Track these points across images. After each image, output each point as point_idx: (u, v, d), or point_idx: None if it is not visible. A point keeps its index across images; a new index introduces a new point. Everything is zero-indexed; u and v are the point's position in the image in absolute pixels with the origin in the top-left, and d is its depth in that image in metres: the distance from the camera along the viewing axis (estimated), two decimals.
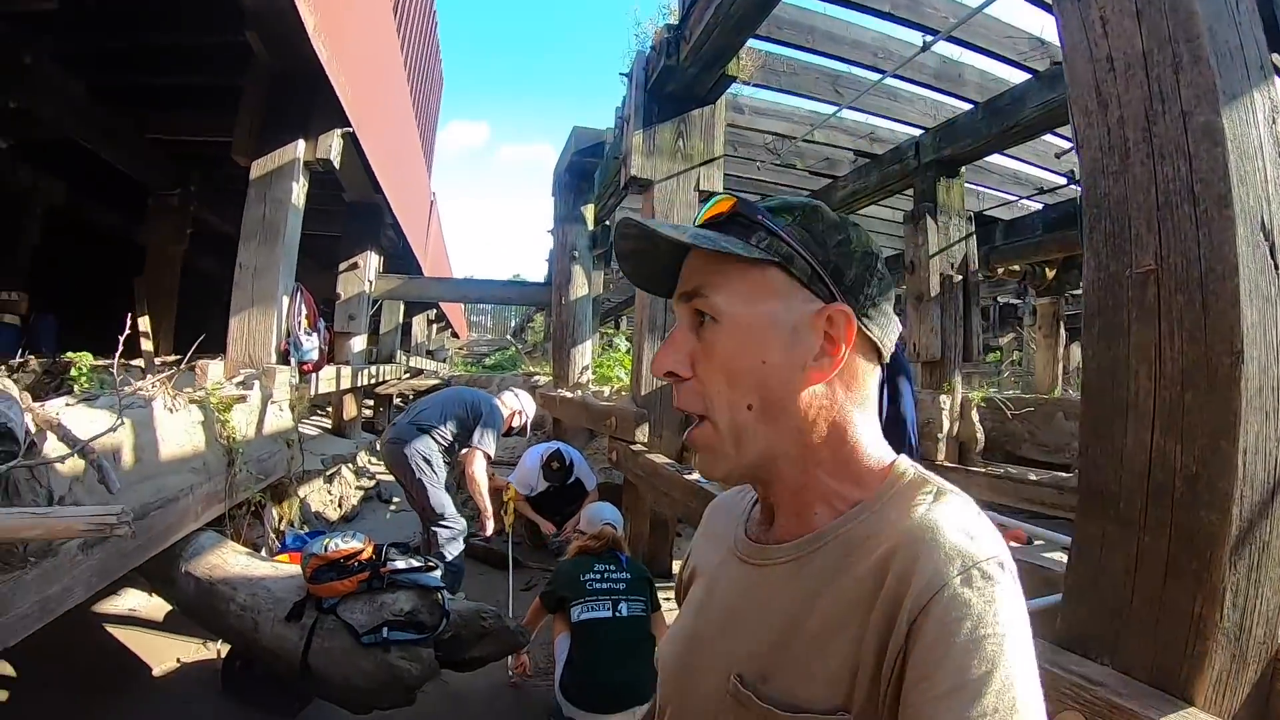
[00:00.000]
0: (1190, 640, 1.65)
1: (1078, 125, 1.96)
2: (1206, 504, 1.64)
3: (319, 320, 7.53)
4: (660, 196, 6.16)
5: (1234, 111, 1.67)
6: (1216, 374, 1.63)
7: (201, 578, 4.14)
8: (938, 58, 6.84)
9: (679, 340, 1.03)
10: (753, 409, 0.98)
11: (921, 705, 0.78)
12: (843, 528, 0.96)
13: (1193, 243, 1.67)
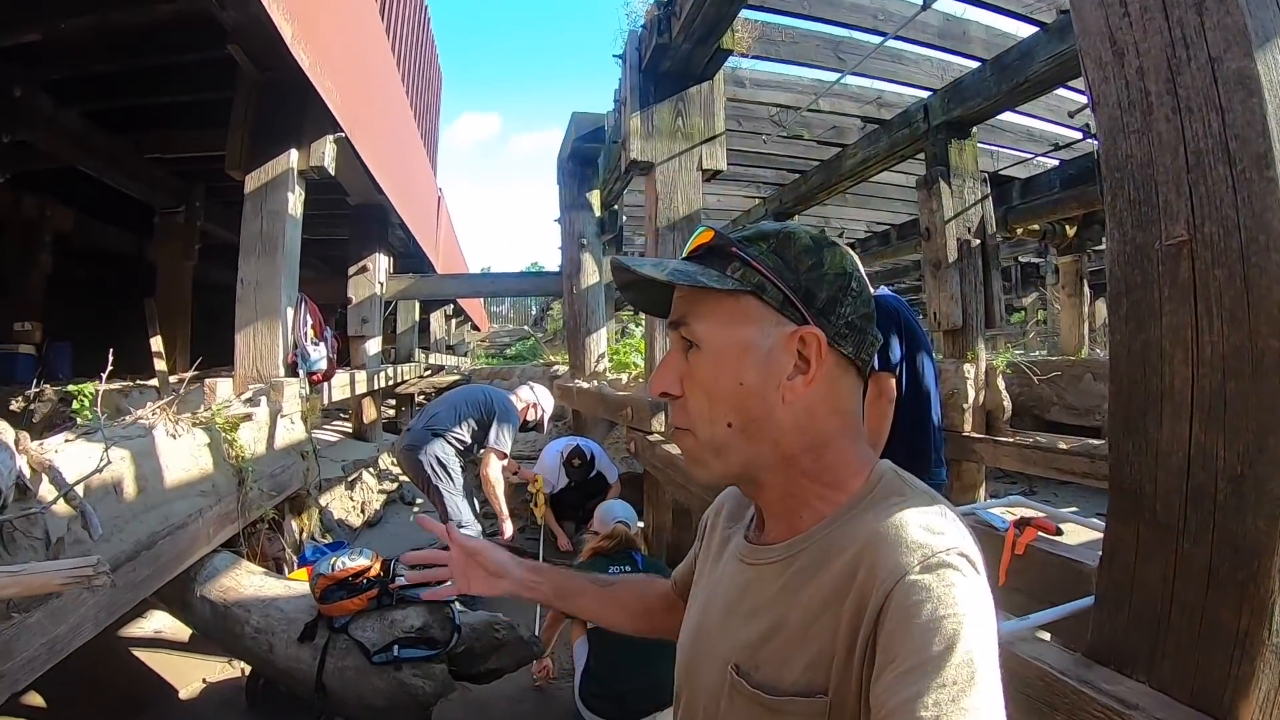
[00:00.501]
0: (1235, 658, 1.48)
1: (1091, 80, 1.75)
2: (1253, 508, 1.45)
3: (325, 329, 7.44)
4: (662, 179, 6.01)
5: (1270, 55, 1.46)
6: (1263, 359, 1.42)
7: (216, 601, 4.14)
8: (941, 16, 6.65)
9: (671, 363, 1.14)
10: (732, 426, 1.07)
11: (888, 682, 0.84)
12: (824, 530, 1.05)
13: (1230, 209, 1.47)
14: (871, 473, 1.09)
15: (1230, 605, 1.49)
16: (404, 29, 14.00)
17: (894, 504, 1.01)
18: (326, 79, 5.94)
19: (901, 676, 0.82)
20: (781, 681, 0.98)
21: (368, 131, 7.90)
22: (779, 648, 1.01)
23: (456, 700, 4.34)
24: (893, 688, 0.82)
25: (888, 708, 0.82)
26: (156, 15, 6.19)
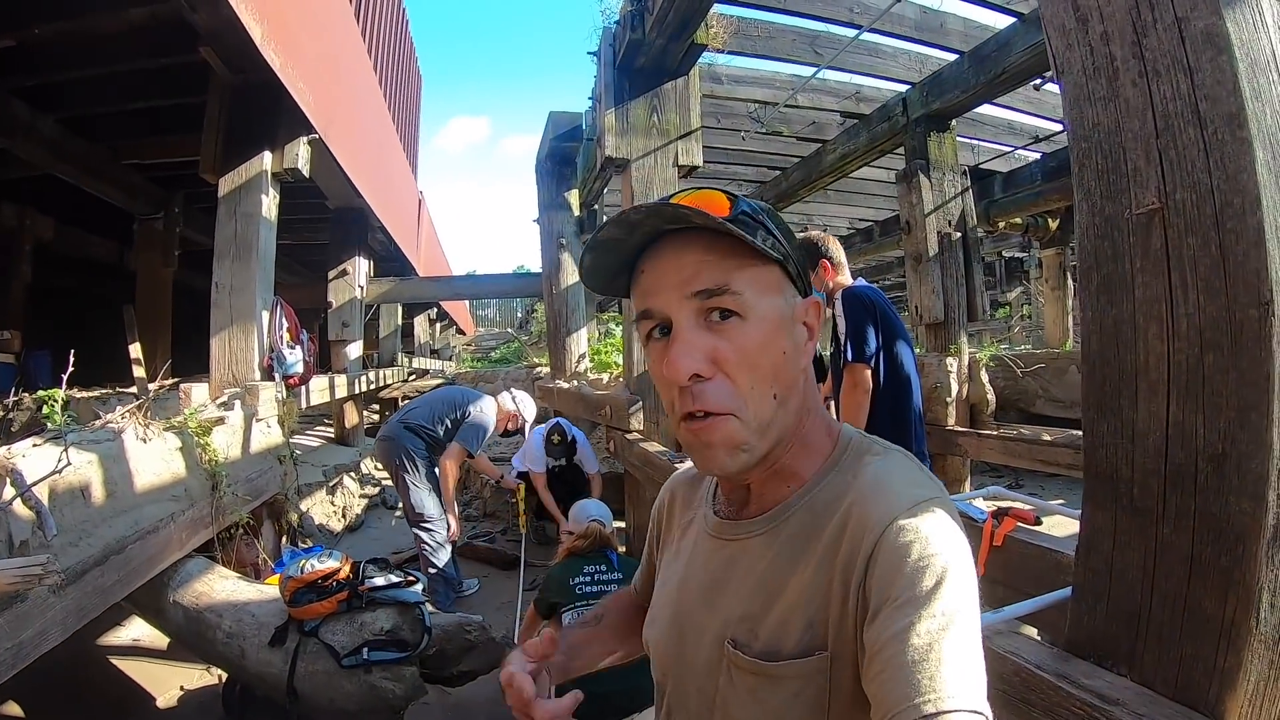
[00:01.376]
0: (1221, 650, 1.42)
1: (1055, 49, 1.68)
2: (1236, 489, 1.38)
3: (301, 332, 7.40)
4: (638, 176, 5.98)
5: (1238, 13, 1.40)
6: (1242, 330, 1.35)
7: (189, 606, 4.12)
8: (917, 8, 6.66)
9: (695, 341, 1.01)
10: (777, 398, 1.03)
11: (882, 617, 0.86)
12: (807, 495, 1.06)
13: (1203, 173, 1.40)
14: (840, 434, 1.13)
15: (1214, 593, 1.42)
16: (381, 32, 13.96)
17: (871, 462, 1.05)
18: (299, 80, 5.94)
19: (894, 611, 0.85)
20: (783, 647, 0.99)
21: (343, 133, 7.89)
22: (779, 616, 1.01)
23: (435, 704, 4.36)
24: (887, 622, 0.85)
25: (882, 639, 0.85)
26: (129, 19, 6.12)
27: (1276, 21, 1.46)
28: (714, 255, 1.01)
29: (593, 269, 1.12)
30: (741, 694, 1.02)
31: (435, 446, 6.42)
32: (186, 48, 6.03)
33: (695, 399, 1.01)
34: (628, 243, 1.06)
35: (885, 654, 0.83)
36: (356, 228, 11.77)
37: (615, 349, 11.34)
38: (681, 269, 1.02)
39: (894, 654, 0.82)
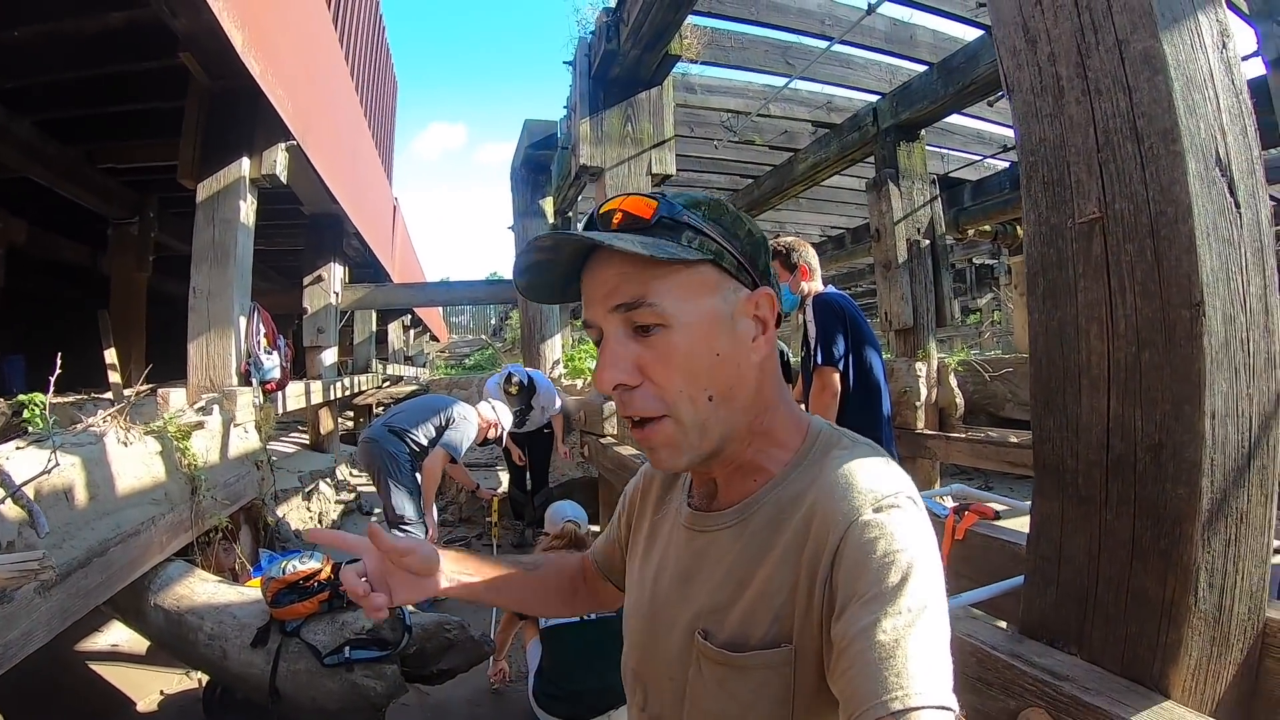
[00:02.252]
0: (1162, 628, 1.52)
1: (1006, 68, 1.80)
2: (1172, 477, 1.49)
3: (279, 338, 7.39)
4: (612, 184, 6.07)
5: (1176, 36, 1.52)
6: (1175, 330, 1.47)
7: (170, 609, 4.11)
8: (887, 20, 6.77)
9: (619, 352, 1.03)
10: (713, 399, 1.03)
11: (849, 615, 0.87)
12: (774, 490, 1.07)
13: (1139, 185, 1.51)
14: (810, 428, 1.12)
15: (1154, 574, 1.52)
16: (358, 38, 13.93)
17: (838, 456, 1.04)
18: (278, 87, 5.94)
19: (861, 608, 0.86)
20: (749, 639, 1.00)
21: (321, 140, 7.88)
22: (744, 607, 1.02)
23: (414, 705, 4.41)
24: (853, 619, 0.86)
25: (848, 636, 0.85)
26: (109, 23, 6.14)
27: (1215, 43, 1.58)
28: (632, 266, 1.01)
29: (530, 288, 1.14)
30: (710, 684, 1.03)
31: (417, 451, 6.47)
32: (165, 52, 6.02)
33: (626, 406, 1.05)
34: (560, 260, 1.08)
35: (852, 651, 0.84)
36: (332, 234, 11.76)
37: (589, 355, 11.40)
38: (605, 282, 1.04)
39: (860, 651, 0.83)
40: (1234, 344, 1.48)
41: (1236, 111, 1.59)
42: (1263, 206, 1.59)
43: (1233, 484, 1.50)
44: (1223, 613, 1.54)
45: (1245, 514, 1.53)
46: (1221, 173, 1.51)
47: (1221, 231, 1.47)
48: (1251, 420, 1.52)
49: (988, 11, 1.87)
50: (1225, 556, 1.51)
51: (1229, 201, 1.51)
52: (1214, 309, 1.44)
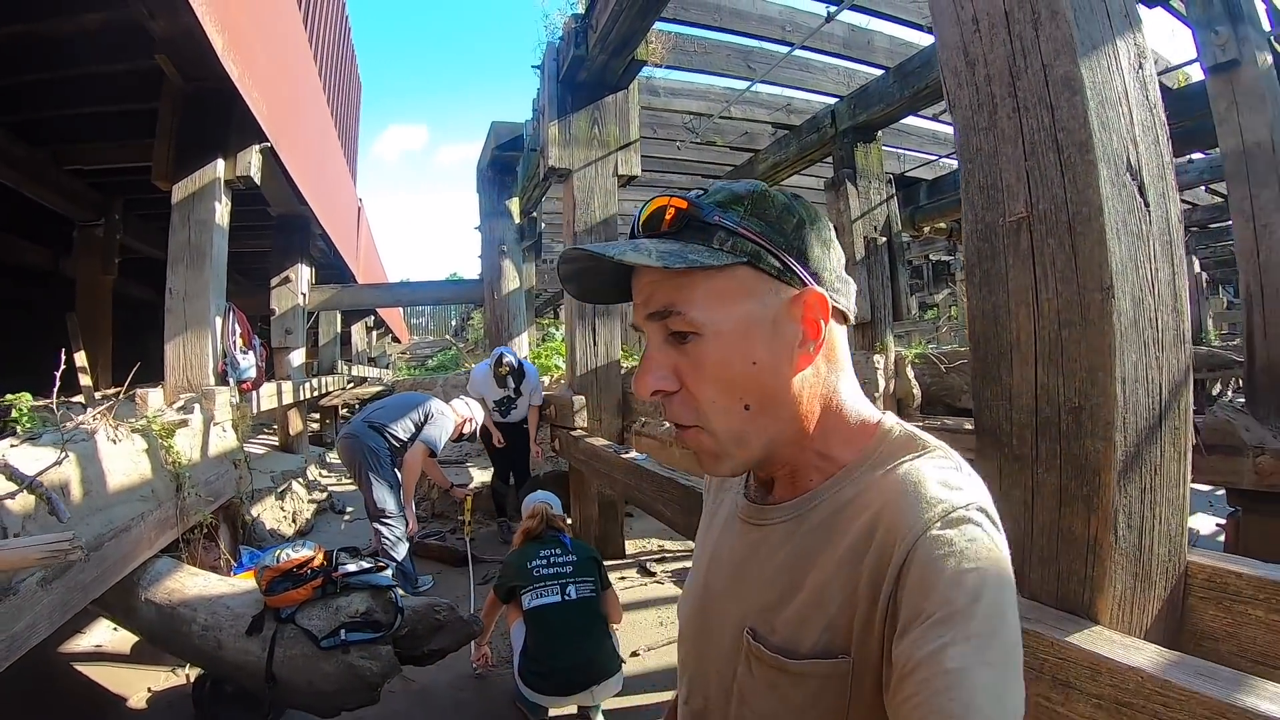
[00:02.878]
0: (1088, 563, 1.74)
1: (949, 86, 2.05)
2: (1090, 433, 1.73)
3: (254, 338, 7.48)
4: (580, 185, 6.26)
5: (1094, 61, 1.76)
6: (1089, 310, 1.71)
7: (161, 603, 4.13)
8: (846, 26, 6.99)
9: (658, 358, 1.01)
10: (750, 409, 0.99)
11: (913, 636, 0.82)
12: (834, 488, 1.01)
13: (1059, 188, 1.76)
14: (879, 427, 1.05)
15: (1080, 518, 1.76)
16: (326, 39, 13.93)
17: (908, 459, 0.98)
18: (254, 90, 6.00)
19: (926, 630, 0.81)
20: (800, 645, 0.95)
21: (292, 141, 7.95)
22: (796, 610, 0.97)
23: (400, 691, 4.53)
24: (918, 642, 0.81)
25: (914, 661, 0.80)
26: (83, 25, 6.14)
27: (1133, 64, 1.85)
28: (660, 274, 0.99)
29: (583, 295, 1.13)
30: (760, 686, 0.99)
31: (397, 446, 6.58)
32: (139, 54, 6.06)
33: (665, 411, 1.04)
34: (602, 267, 1.04)
35: (916, 677, 0.79)
36: (299, 235, 11.80)
37: (556, 352, 11.52)
38: (640, 290, 1.02)
39: (925, 679, 0.78)
40: (1143, 322, 1.73)
41: (1149, 124, 1.84)
42: (1173, 206, 1.85)
43: (1146, 440, 1.74)
44: (1143, 551, 1.76)
45: (1159, 466, 1.77)
46: (1132, 177, 1.76)
47: (1131, 227, 1.73)
48: (1162, 387, 1.77)
49: (935, 34, 2.10)
50: (1142, 502, 1.74)
51: (1139, 202, 1.76)
52: (1123, 292, 1.68)
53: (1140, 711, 1.44)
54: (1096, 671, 1.53)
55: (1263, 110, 4.73)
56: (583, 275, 1.08)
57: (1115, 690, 1.50)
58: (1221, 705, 1.32)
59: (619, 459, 5.14)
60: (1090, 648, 1.57)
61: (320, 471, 11.67)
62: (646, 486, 4.52)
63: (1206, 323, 17.38)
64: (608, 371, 6.91)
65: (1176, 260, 1.83)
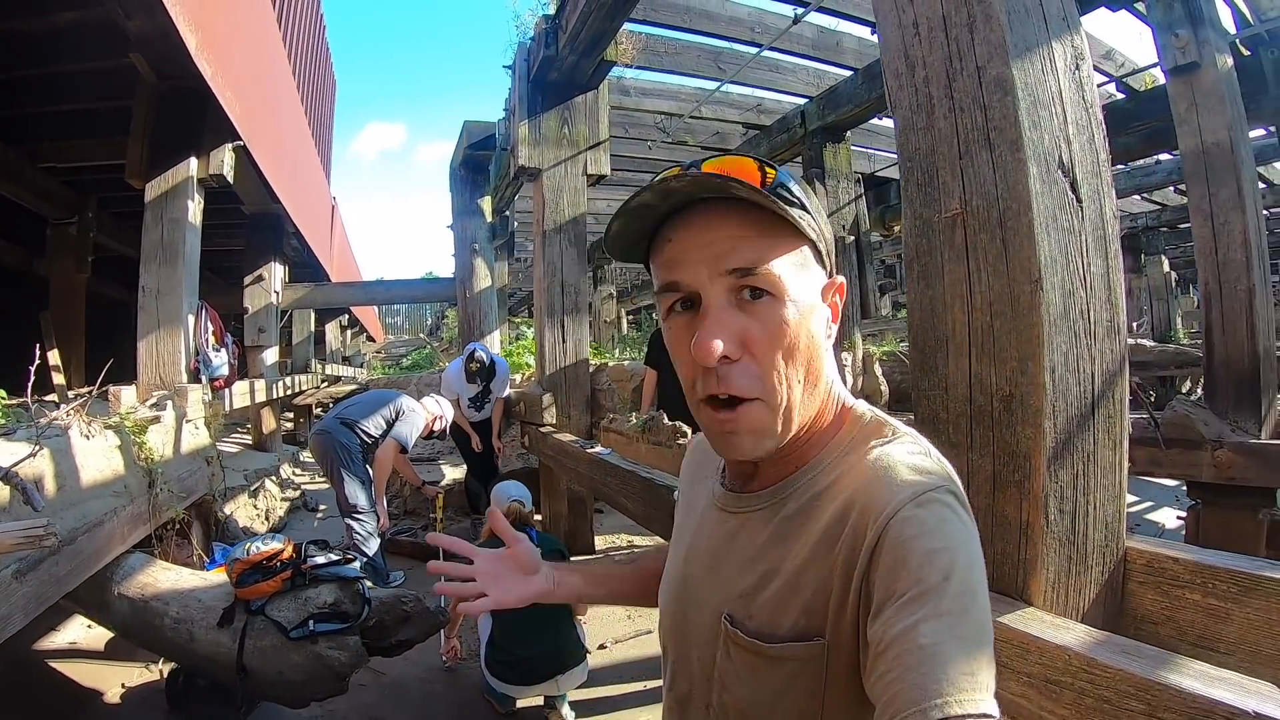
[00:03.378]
0: (1021, 546, 1.80)
1: (890, 88, 2.12)
2: (1021, 420, 1.79)
3: (226, 335, 7.49)
4: (549, 184, 6.31)
5: (1027, 63, 1.83)
6: (1019, 302, 1.78)
7: (134, 597, 4.16)
8: (815, 28, 7.08)
9: (727, 320, 0.96)
10: (802, 383, 0.99)
11: (887, 615, 0.83)
12: (809, 475, 1.03)
13: (991, 186, 1.83)
14: (852, 412, 1.08)
15: (1012, 502, 1.82)
16: (299, 37, 13.88)
17: (879, 444, 1.00)
18: (227, 89, 6.02)
19: (899, 609, 0.82)
20: (778, 629, 0.97)
21: (265, 140, 7.95)
22: (773, 595, 0.99)
23: (371, 685, 4.57)
24: (891, 620, 0.82)
25: (887, 638, 0.81)
26: (57, 23, 6.16)
27: (1069, 66, 1.91)
28: (750, 230, 0.96)
29: (619, 234, 1.05)
30: (739, 669, 1.01)
31: (369, 443, 6.61)
32: (113, 52, 6.04)
33: (721, 382, 0.97)
34: (658, 209, 1.00)
35: (890, 654, 0.80)
36: (272, 233, 11.77)
37: (527, 350, 11.56)
38: (714, 243, 0.97)
39: (899, 654, 0.79)
40: (1074, 313, 1.79)
41: (1084, 123, 1.91)
42: (1107, 202, 1.92)
43: (1077, 427, 1.80)
44: (1077, 536, 1.82)
45: (1092, 454, 1.83)
46: (1064, 174, 1.82)
47: (1061, 223, 1.79)
48: (1094, 376, 1.83)
49: (878, 38, 2.17)
50: (1074, 487, 1.80)
51: (1071, 198, 1.82)
52: (1052, 285, 1.75)
53: (1067, 689, 1.50)
54: (1026, 651, 1.58)
55: (1222, 111, 4.85)
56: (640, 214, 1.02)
57: (1044, 669, 1.55)
58: (1145, 682, 1.37)
59: (584, 454, 5.21)
60: (1021, 628, 1.62)
61: (293, 470, 11.63)
62: (611, 481, 4.59)
63: (1175, 321, 17.62)
64: (576, 369, 6.96)
65: (1111, 255, 1.90)
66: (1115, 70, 7.79)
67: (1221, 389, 4.84)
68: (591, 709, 4.40)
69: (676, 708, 1.18)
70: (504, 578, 1.35)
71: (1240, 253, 4.72)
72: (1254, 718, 1.21)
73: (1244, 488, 4.21)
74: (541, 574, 1.38)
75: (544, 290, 6.74)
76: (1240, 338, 4.74)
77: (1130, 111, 7.53)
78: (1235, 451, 4.19)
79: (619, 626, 5.46)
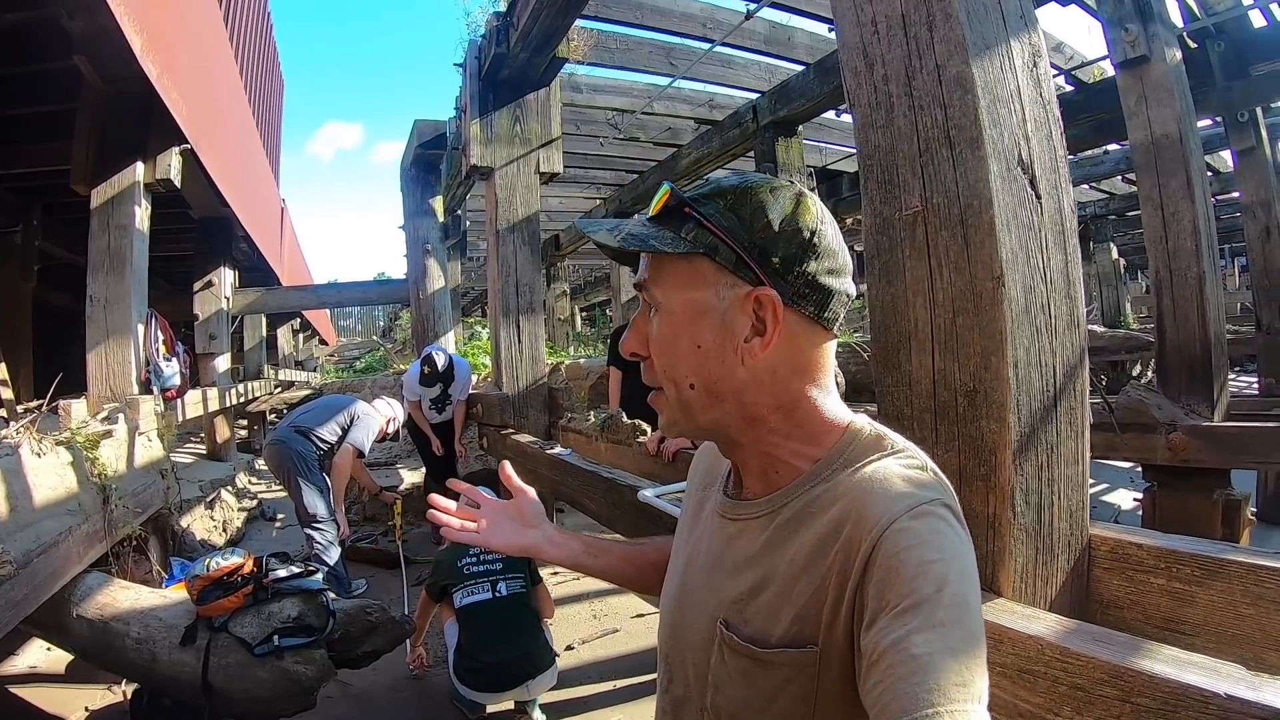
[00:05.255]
0: (989, 539, 1.81)
1: (849, 86, 2.11)
2: (985, 415, 1.80)
3: (177, 344, 7.39)
4: (502, 183, 6.30)
5: (986, 60, 1.84)
6: (981, 298, 1.79)
7: (94, 619, 4.09)
8: (767, 24, 7.12)
9: (638, 324, 1.13)
10: (695, 388, 1.06)
11: (881, 625, 0.85)
12: (803, 486, 1.05)
13: (952, 183, 1.83)
14: (849, 428, 1.09)
15: (979, 495, 1.83)
16: (247, 38, 13.74)
17: (876, 458, 1.03)
18: (174, 91, 5.91)
19: (893, 619, 0.84)
20: (771, 634, 1.00)
21: (213, 143, 7.84)
22: (767, 601, 1.02)
23: (338, 696, 4.54)
24: (885, 630, 0.84)
25: (880, 648, 0.83)
26: None
27: (1027, 63, 1.93)
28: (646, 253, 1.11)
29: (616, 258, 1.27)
30: (733, 673, 1.04)
31: (325, 450, 6.56)
32: (56, 54, 5.92)
33: (643, 371, 1.14)
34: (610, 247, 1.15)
35: (883, 664, 0.82)
36: (221, 238, 11.63)
37: (482, 350, 11.51)
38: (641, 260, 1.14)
39: (891, 664, 0.81)
40: (1034, 308, 1.81)
41: (1042, 119, 1.92)
42: (1065, 197, 1.93)
43: (1040, 421, 1.82)
44: (1043, 526, 1.83)
45: (1055, 445, 1.85)
46: (1024, 171, 1.83)
47: (1022, 219, 1.81)
48: (1056, 370, 1.85)
49: (837, 36, 2.18)
50: (1039, 479, 1.82)
51: (1030, 194, 1.84)
52: (1014, 280, 1.76)
53: (1041, 678, 1.51)
54: (999, 642, 1.59)
55: (1171, 104, 4.94)
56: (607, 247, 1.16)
57: (1017, 659, 1.56)
58: (1118, 668, 1.38)
59: (544, 455, 5.20)
60: (992, 619, 1.62)
61: (250, 479, 11.54)
62: (572, 481, 4.60)
63: (1125, 306, 17.91)
64: (533, 369, 6.92)
65: (1070, 249, 1.92)
66: (1065, 63, 7.90)
67: (1174, 373, 4.93)
68: (562, 710, 4.40)
69: (671, 709, 1.21)
70: (501, 524, 1.47)
71: (1190, 241, 4.82)
72: (1226, 699, 1.23)
73: (1198, 469, 4.31)
74: (539, 530, 1.47)
75: (498, 290, 6.71)
76: (1191, 324, 4.84)
77: (1080, 104, 7.68)
78: (1189, 434, 4.28)
79: (585, 627, 5.47)
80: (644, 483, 3.79)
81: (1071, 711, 1.46)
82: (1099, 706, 1.41)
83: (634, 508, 3.55)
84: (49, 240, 10.19)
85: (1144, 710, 1.34)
